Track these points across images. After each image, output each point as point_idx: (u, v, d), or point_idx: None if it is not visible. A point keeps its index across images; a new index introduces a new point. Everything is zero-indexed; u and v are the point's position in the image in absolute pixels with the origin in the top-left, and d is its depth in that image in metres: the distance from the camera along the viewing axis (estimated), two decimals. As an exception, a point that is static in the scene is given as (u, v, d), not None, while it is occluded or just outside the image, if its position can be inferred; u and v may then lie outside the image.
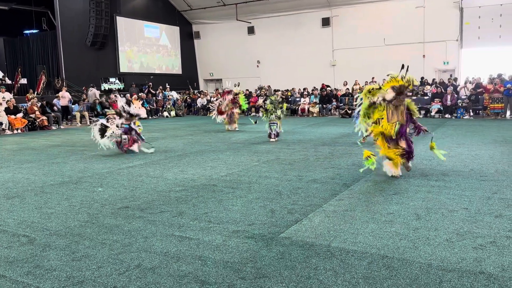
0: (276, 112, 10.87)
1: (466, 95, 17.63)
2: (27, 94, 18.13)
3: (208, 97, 23.44)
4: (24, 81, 21.54)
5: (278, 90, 21.78)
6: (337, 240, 3.90)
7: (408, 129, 6.34)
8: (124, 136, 9.20)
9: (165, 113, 22.13)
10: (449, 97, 17.34)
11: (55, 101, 18.30)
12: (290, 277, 3.19)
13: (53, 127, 16.74)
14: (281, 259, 3.53)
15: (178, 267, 3.42)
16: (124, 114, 9.27)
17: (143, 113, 9.94)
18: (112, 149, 9.40)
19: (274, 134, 10.90)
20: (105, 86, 23.14)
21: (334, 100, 20.33)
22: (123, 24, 24.42)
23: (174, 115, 22.29)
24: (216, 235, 4.12)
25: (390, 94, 6.05)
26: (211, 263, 3.47)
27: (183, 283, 3.15)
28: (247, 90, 23.17)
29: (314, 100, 20.46)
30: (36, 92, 19.71)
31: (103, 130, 9.25)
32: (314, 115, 20.05)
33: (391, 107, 6.16)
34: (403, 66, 6.10)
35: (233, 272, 3.30)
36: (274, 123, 10.86)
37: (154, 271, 3.35)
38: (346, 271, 3.27)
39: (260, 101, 20.47)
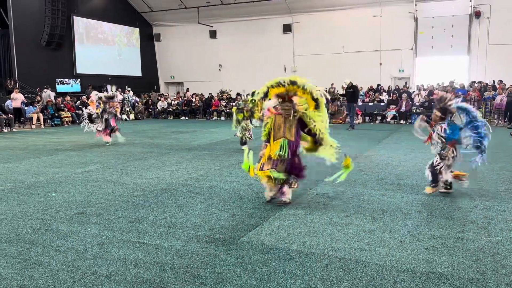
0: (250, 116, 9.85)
1: (420, 102, 18.34)
2: (-24, 95, 17.24)
3: (169, 100, 23.13)
4: (-28, 81, 20.46)
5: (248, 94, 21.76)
6: (296, 243, 3.95)
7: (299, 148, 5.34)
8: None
9: (124, 116, 21.62)
10: (404, 103, 18.00)
11: (8, 102, 17.49)
12: (250, 281, 3.20)
13: (5, 130, 16.00)
14: (241, 263, 3.53)
15: (136, 273, 3.36)
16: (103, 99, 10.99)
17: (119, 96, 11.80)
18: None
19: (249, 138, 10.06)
20: (60, 87, 22.34)
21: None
22: (80, 24, 23.71)
23: (133, 118, 21.86)
24: (176, 240, 4.07)
25: (273, 101, 5.17)
26: (169, 269, 3.43)
27: (141, 289, 3.09)
28: (210, 94, 23.07)
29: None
30: (-14, 93, 18.78)
31: (90, 116, 10.99)
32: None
33: (279, 119, 5.19)
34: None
35: (192, 278, 3.27)
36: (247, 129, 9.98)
37: (111, 278, 3.27)
38: (305, 273, 3.33)
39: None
